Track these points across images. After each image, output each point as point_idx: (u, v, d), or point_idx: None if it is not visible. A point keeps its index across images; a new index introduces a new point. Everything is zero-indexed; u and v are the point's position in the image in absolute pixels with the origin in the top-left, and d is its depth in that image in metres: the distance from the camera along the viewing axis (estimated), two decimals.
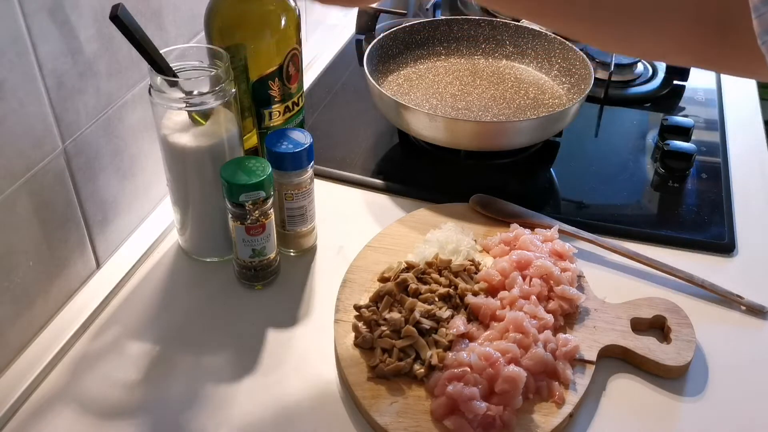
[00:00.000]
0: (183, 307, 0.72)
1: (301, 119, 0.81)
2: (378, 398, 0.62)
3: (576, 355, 0.65)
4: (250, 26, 0.72)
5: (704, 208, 0.86)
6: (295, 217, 0.75)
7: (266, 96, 0.75)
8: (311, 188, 0.74)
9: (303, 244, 0.78)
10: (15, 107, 0.59)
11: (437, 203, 0.84)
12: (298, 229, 0.76)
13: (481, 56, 1.05)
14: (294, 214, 0.74)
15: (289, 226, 0.75)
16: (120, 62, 0.71)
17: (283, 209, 0.74)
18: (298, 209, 0.74)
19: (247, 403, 0.63)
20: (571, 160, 0.95)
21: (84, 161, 0.69)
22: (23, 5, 0.58)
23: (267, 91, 0.75)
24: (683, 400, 0.64)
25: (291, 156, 0.70)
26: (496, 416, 0.59)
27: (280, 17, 0.72)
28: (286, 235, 0.76)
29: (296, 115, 0.80)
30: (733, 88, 1.10)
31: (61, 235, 0.68)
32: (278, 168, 0.71)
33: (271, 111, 0.76)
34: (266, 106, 0.76)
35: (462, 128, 0.86)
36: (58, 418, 0.62)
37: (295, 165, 0.71)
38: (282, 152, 0.70)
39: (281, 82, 0.75)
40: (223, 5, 0.71)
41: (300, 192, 0.73)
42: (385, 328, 0.66)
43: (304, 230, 0.76)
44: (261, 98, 0.75)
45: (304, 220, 0.75)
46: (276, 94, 0.75)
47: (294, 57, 0.75)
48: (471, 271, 0.73)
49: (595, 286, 0.73)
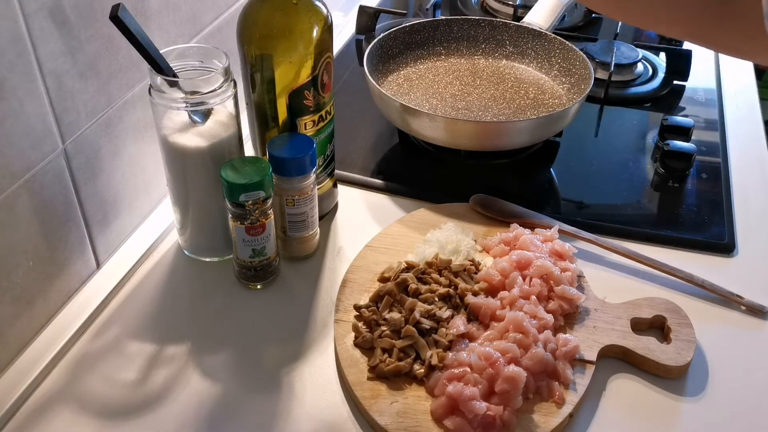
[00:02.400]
0: (183, 307, 0.72)
1: (331, 130, 0.77)
2: (378, 398, 0.62)
3: (576, 355, 0.65)
4: (287, 36, 0.69)
5: (704, 208, 0.86)
6: (296, 223, 0.74)
7: (301, 106, 0.72)
8: (313, 194, 0.73)
9: (305, 250, 0.77)
10: (15, 107, 0.59)
11: (437, 203, 0.84)
12: (299, 235, 0.75)
13: (481, 56, 1.05)
14: (295, 219, 0.74)
15: (290, 232, 0.75)
16: (120, 62, 0.71)
17: (285, 215, 0.73)
18: (299, 215, 0.73)
19: (246, 403, 0.63)
20: (571, 160, 0.95)
21: (84, 161, 0.69)
22: (23, 5, 0.58)
23: (302, 101, 0.71)
24: (683, 400, 0.64)
25: (293, 161, 0.69)
26: (496, 416, 0.59)
27: (314, 25, 0.69)
28: (288, 241, 0.76)
29: (327, 126, 0.76)
30: (733, 88, 1.10)
31: (61, 235, 0.68)
32: (279, 173, 0.70)
33: (306, 121, 0.73)
34: (300, 116, 0.72)
35: (462, 128, 0.86)
36: (58, 418, 0.62)
37: (298, 170, 0.70)
38: (284, 157, 0.69)
39: (315, 92, 0.71)
40: (260, 15, 0.69)
41: (302, 198, 0.72)
42: (385, 328, 0.66)
43: (306, 236, 0.76)
44: (296, 109, 0.72)
45: (305, 226, 0.75)
46: (311, 104, 0.72)
47: (327, 65, 0.72)
48: (471, 271, 0.73)
49: (595, 286, 0.73)
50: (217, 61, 0.69)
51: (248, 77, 0.71)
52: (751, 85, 1.12)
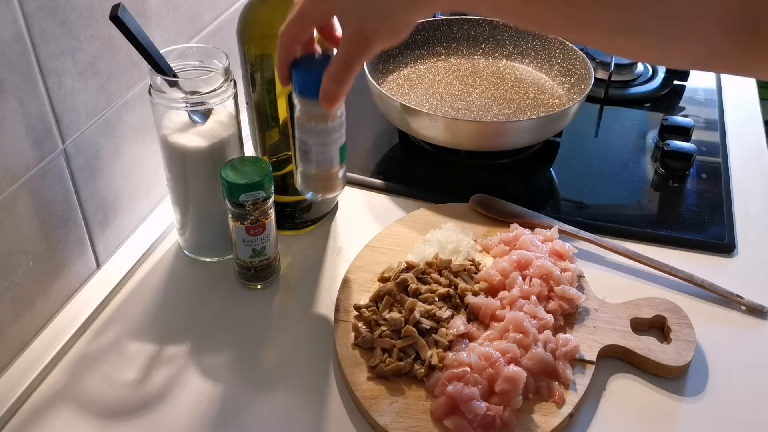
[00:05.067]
0: (183, 307, 0.72)
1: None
2: (378, 398, 0.62)
3: (576, 355, 0.65)
4: None
5: (704, 208, 0.86)
6: (302, 153, 0.64)
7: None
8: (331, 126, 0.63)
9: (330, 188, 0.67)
10: (15, 107, 0.59)
11: (437, 203, 0.84)
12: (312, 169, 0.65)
13: (481, 56, 1.05)
14: (301, 148, 0.64)
15: (301, 164, 0.65)
16: (120, 62, 0.71)
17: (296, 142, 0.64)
18: (303, 143, 0.63)
19: (246, 403, 0.63)
20: (571, 160, 0.95)
21: (84, 161, 0.69)
22: (23, 5, 0.58)
23: None
24: (683, 400, 0.64)
25: (313, 77, 0.58)
26: (496, 416, 0.59)
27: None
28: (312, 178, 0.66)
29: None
30: (733, 88, 1.10)
31: (61, 235, 0.68)
32: (296, 90, 0.61)
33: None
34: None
35: (462, 128, 0.86)
36: (58, 418, 0.62)
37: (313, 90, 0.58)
38: (302, 71, 0.59)
39: None
40: (260, 15, 0.69)
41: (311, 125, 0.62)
42: (385, 328, 0.66)
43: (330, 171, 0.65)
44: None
45: (308, 159, 0.64)
46: None
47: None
48: (471, 271, 0.73)
49: (595, 286, 0.73)
50: (217, 61, 0.69)
51: (248, 77, 0.71)
52: (751, 85, 1.12)
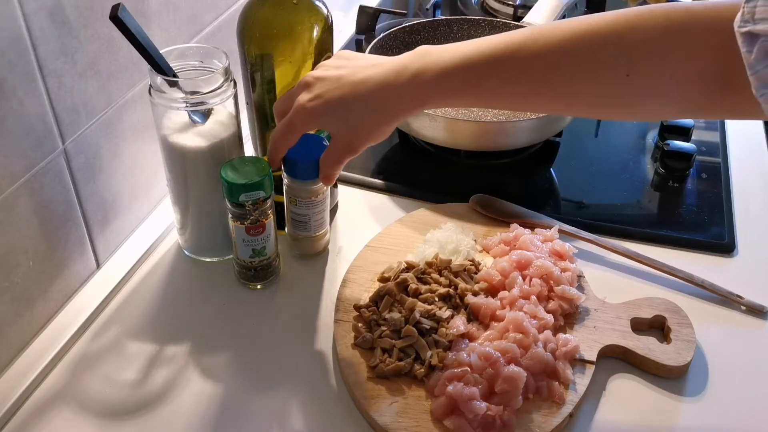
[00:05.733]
0: (183, 307, 0.72)
1: None
2: (378, 398, 0.62)
3: (576, 355, 0.65)
4: (287, 35, 0.69)
5: (704, 208, 0.86)
6: (301, 223, 0.73)
7: None
8: (324, 197, 0.72)
9: (312, 249, 0.77)
10: (15, 107, 0.59)
11: (437, 203, 0.84)
12: (305, 235, 0.75)
13: None
14: (299, 219, 0.73)
15: (296, 230, 0.74)
16: (120, 62, 0.71)
17: (290, 213, 0.73)
18: (301, 216, 0.73)
19: (246, 403, 0.63)
20: (571, 160, 0.95)
21: (84, 161, 0.69)
22: (23, 5, 0.58)
23: None
24: (683, 400, 0.64)
25: (305, 165, 0.68)
26: (496, 416, 0.59)
27: (314, 25, 0.69)
28: (297, 239, 0.75)
29: None
30: None
31: (61, 235, 0.68)
32: (292, 176, 0.69)
33: None
34: None
35: (462, 128, 0.86)
36: (58, 418, 0.62)
37: (307, 175, 0.69)
38: (296, 159, 0.68)
39: None
40: (260, 15, 0.69)
41: (308, 200, 0.71)
42: (385, 328, 0.66)
43: (313, 236, 0.75)
44: None
45: (310, 227, 0.74)
46: None
47: None
48: (471, 271, 0.73)
49: (595, 286, 0.73)
50: (217, 61, 0.69)
51: (248, 77, 0.71)
52: None
